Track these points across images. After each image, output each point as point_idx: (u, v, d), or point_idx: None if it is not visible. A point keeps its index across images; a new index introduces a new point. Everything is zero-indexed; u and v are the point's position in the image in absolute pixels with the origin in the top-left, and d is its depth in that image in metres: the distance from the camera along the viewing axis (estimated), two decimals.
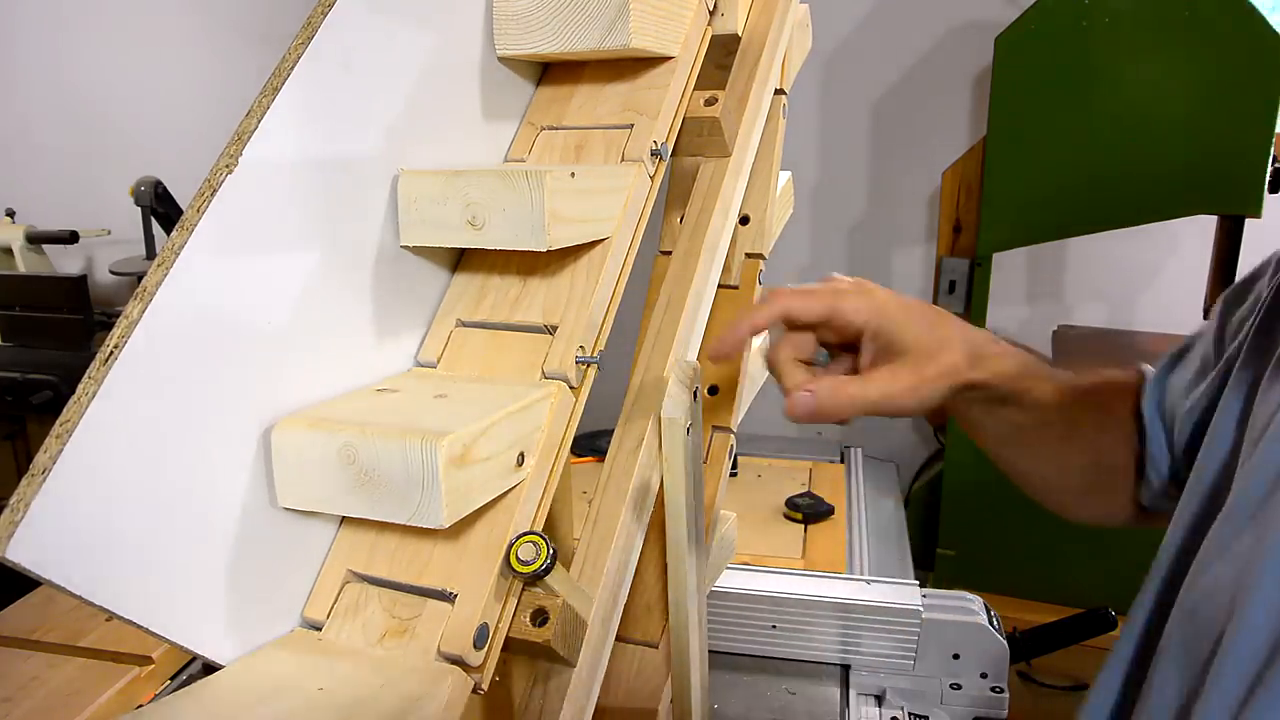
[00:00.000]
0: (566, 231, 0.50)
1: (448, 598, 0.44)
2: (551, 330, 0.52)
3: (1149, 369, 0.70)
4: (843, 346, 0.59)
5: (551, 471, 0.50)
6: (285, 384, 0.45)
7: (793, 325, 0.58)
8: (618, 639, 0.54)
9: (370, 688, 0.40)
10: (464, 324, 0.55)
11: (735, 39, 0.68)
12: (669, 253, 0.64)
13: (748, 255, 0.73)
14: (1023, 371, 0.63)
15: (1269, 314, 0.55)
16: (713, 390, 0.71)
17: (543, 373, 0.51)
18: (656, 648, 0.64)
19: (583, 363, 0.52)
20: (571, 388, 0.51)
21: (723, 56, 0.69)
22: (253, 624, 0.44)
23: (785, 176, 0.77)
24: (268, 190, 0.43)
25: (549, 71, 0.64)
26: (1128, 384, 0.69)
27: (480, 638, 0.43)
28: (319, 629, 0.46)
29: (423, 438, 0.40)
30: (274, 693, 0.40)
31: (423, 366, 0.54)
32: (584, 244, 0.53)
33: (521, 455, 0.47)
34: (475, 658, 0.43)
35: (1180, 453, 0.63)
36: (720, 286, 0.67)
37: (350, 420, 0.43)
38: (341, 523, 0.48)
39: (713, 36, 0.66)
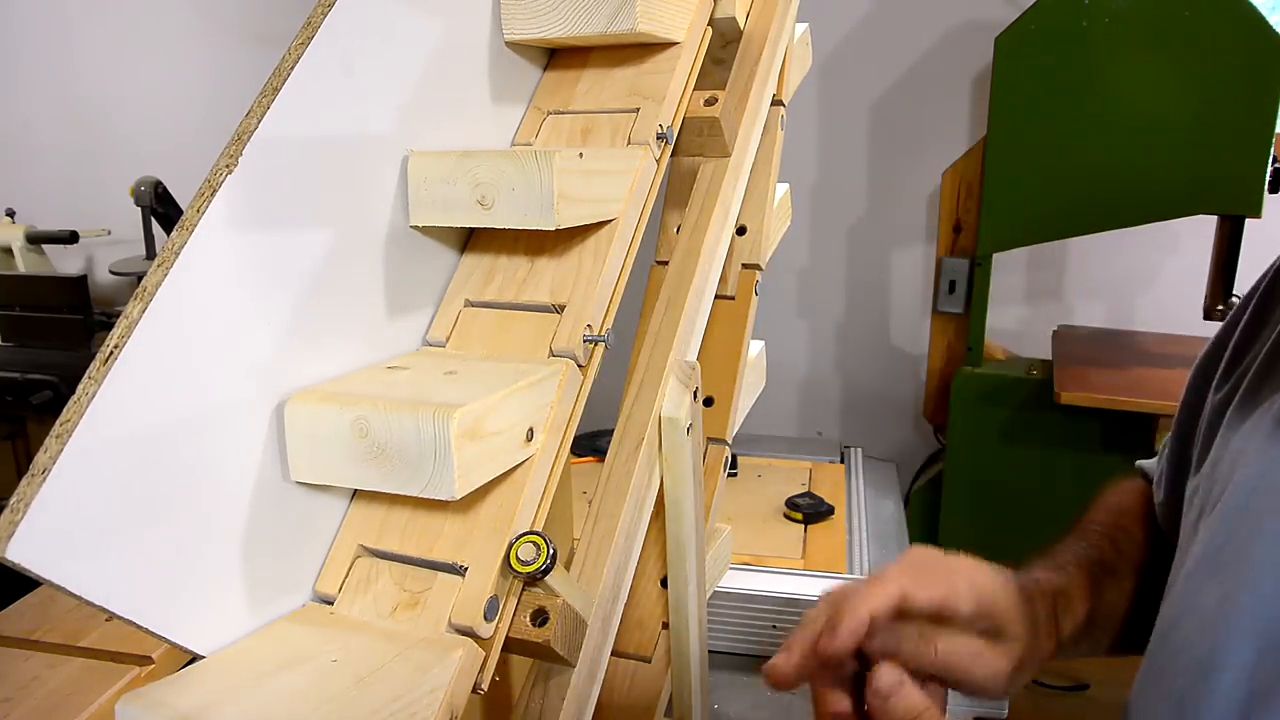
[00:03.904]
0: (574, 211, 0.50)
1: (458, 571, 0.45)
2: (559, 309, 0.53)
3: (1150, 471, 0.66)
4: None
5: (560, 448, 0.50)
6: (294, 369, 0.45)
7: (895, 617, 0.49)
8: (610, 653, 0.54)
9: (383, 658, 0.41)
10: (472, 304, 0.55)
11: (734, 25, 0.68)
12: (665, 263, 0.64)
13: (744, 266, 0.73)
14: (1087, 614, 0.58)
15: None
16: (708, 402, 0.71)
17: (550, 351, 0.52)
18: (649, 661, 0.64)
19: (590, 341, 0.52)
20: (580, 366, 0.52)
21: (719, 48, 0.68)
22: (260, 614, 0.44)
23: (783, 189, 0.77)
24: (269, 189, 0.43)
25: (555, 56, 0.64)
26: (1139, 503, 0.66)
27: (490, 610, 0.44)
28: (330, 603, 0.46)
29: (435, 410, 0.41)
30: (288, 664, 0.41)
31: (431, 346, 0.55)
32: (591, 224, 0.54)
33: (531, 430, 0.48)
34: (486, 629, 0.44)
35: None
36: (716, 297, 0.67)
37: (363, 394, 0.44)
38: (352, 500, 0.49)
39: (712, 21, 0.66)
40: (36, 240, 2.18)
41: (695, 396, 0.58)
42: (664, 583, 0.64)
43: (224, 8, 2.22)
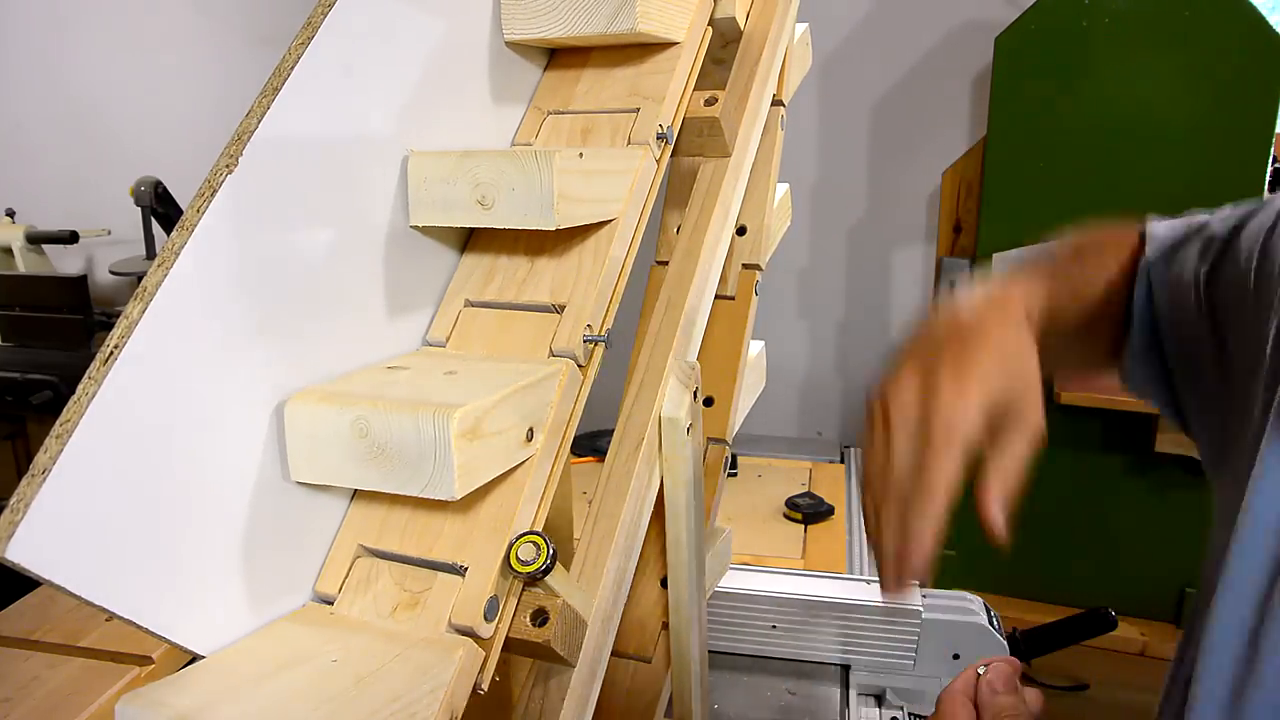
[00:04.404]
0: (574, 211, 0.50)
1: (458, 571, 0.45)
2: (559, 309, 0.53)
3: (1156, 231, 0.65)
4: None
5: (560, 448, 0.50)
6: (294, 369, 0.45)
7: None
8: (610, 653, 0.54)
9: (383, 658, 0.41)
10: (472, 304, 0.55)
11: (734, 25, 0.68)
12: (665, 263, 0.64)
13: (744, 266, 0.73)
14: (1047, 307, 0.60)
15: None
16: (708, 402, 0.71)
17: (550, 351, 0.52)
18: (650, 662, 0.64)
19: (590, 341, 0.52)
20: (580, 366, 0.52)
21: (719, 48, 0.68)
22: (260, 614, 0.44)
23: (783, 189, 0.77)
24: (269, 189, 0.43)
25: (555, 56, 0.64)
26: (1129, 248, 0.67)
27: (490, 610, 0.44)
28: (330, 603, 0.46)
29: (435, 410, 0.41)
30: (288, 664, 0.41)
31: (431, 346, 0.55)
32: (591, 224, 0.54)
33: (531, 430, 0.48)
34: (486, 629, 0.44)
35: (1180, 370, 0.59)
36: (716, 297, 0.67)
37: (363, 394, 0.44)
38: (352, 500, 0.49)
39: (712, 21, 0.66)
40: (36, 240, 2.18)
41: (695, 396, 0.58)
42: (664, 583, 0.64)
43: (224, 8, 2.22)
